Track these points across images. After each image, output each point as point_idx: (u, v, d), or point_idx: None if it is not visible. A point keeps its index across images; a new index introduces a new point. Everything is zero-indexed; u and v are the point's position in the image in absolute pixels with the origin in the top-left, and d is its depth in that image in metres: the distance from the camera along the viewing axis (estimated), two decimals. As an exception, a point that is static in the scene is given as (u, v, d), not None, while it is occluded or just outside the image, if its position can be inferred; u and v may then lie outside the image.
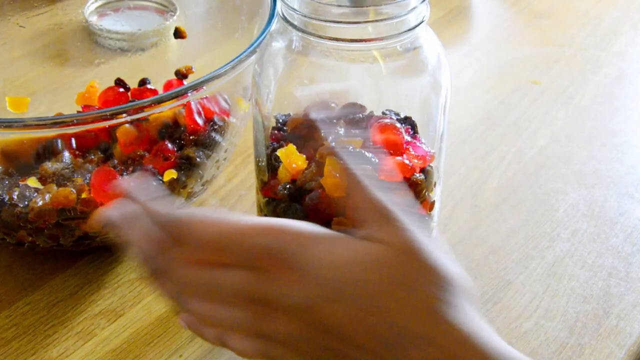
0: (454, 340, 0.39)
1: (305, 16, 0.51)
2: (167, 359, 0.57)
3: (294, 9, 0.52)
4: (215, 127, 0.64)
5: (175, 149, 0.63)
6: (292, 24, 0.52)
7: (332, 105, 0.56)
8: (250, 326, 0.41)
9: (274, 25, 0.58)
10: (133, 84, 0.73)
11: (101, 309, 0.61)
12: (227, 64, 0.58)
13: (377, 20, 0.51)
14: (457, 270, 0.40)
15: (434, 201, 0.57)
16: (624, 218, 0.70)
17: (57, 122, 0.55)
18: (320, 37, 0.51)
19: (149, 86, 0.71)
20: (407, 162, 0.53)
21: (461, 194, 0.72)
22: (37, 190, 0.59)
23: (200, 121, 0.63)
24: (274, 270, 0.39)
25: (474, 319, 0.40)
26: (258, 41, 0.60)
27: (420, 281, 0.39)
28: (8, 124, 0.54)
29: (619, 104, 0.85)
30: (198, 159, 0.63)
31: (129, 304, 0.61)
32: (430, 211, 0.57)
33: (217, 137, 0.64)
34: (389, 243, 0.39)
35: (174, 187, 0.62)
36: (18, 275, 0.63)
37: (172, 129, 0.64)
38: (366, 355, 0.39)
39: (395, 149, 0.53)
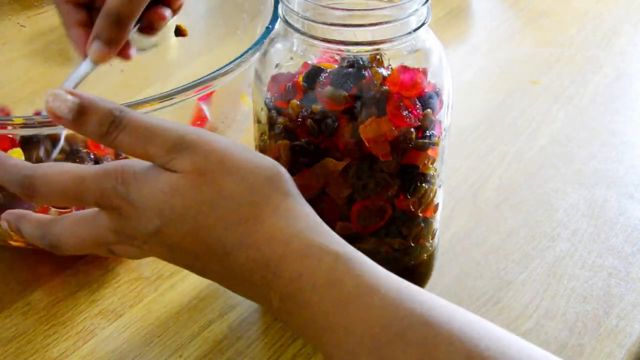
0: (271, 239, 0.43)
1: (306, 19, 0.51)
2: (167, 359, 0.57)
3: (294, 11, 0.51)
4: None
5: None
6: (293, 27, 0.52)
7: None
8: (135, 255, 0.48)
9: (275, 27, 0.57)
10: (133, 83, 0.73)
11: (101, 309, 0.61)
12: (233, 60, 0.58)
13: (378, 24, 0.51)
14: (262, 164, 0.45)
15: (437, 204, 0.57)
16: (624, 218, 0.70)
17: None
18: (321, 39, 0.51)
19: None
20: (405, 112, 0.52)
21: (461, 194, 0.72)
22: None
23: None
24: (121, 208, 0.45)
25: (293, 211, 0.44)
26: (264, 38, 0.60)
27: (223, 193, 0.44)
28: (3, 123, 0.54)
29: (619, 104, 0.85)
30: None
31: (129, 304, 0.61)
32: (434, 213, 0.57)
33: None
34: (183, 171, 0.44)
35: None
36: (18, 275, 0.63)
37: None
38: (208, 264, 0.45)
39: (413, 88, 0.52)
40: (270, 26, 0.62)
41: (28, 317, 0.60)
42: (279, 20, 0.54)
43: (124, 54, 0.64)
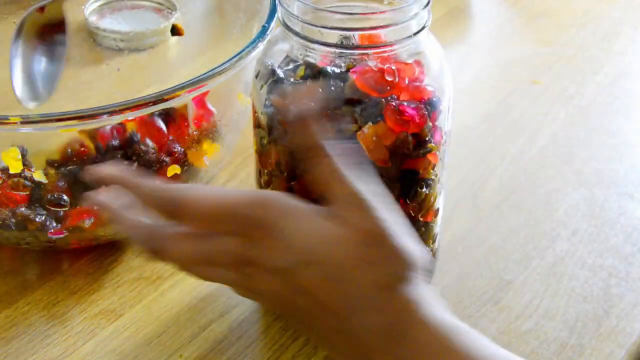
0: (401, 311, 0.45)
1: (305, 22, 0.51)
2: (167, 359, 0.57)
3: (294, 14, 0.51)
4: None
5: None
6: (292, 30, 0.52)
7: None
8: (240, 284, 0.47)
9: (275, 30, 0.57)
10: (133, 83, 0.73)
11: (101, 309, 0.61)
12: (229, 60, 0.58)
13: (378, 27, 0.51)
14: (418, 251, 0.46)
15: (437, 208, 0.57)
16: (624, 218, 0.70)
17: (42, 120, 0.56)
18: (320, 43, 0.51)
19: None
20: (403, 119, 0.51)
21: (461, 194, 0.72)
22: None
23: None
24: (258, 238, 0.45)
25: (424, 294, 0.46)
26: (260, 37, 0.60)
27: (380, 260, 0.45)
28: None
29: (619, 104, 0.85)
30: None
31: (129, 304, 0.61)
32: (435, 217, 0.57)
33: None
34: (357, 226, 0.44)
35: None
36: (18, 275, 0.63)
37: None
38: (329, 314, 0.45)
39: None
40: (266, 25, 0.62)
41: (28, 317, 0.60)
42: (277, 22, 0.54)
43: None
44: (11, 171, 0.60)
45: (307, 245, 0.44)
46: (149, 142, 0.63)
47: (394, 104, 0.51)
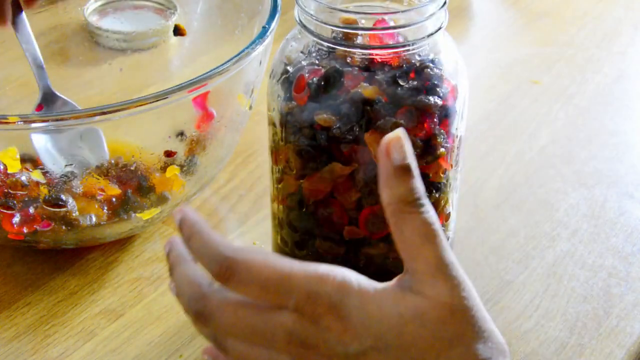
0: None
1: (321, 22, 0.50)
2: (167, 359, 0.57)
3: (310, 14, 0.51)
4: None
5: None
6: (307, 29, 0.51)
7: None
8: None
9: (291, 31, 0.57)
10: (133, 84, 0.73)
11: (101, 309, 0.61)
12: (229, 60, 0.58)
13: (394, 28, 0.50)
14: (499, 336, 0.43)
15: (449, 212, 0.57)
16: (624, 218, 0.70)
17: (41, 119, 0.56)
18: (334, 43, 0.51)
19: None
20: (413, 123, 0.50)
21: (461, 194, 0.72)
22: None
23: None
24: (323, 318, 0.40)
25: None
26: (260, 38, 0.60)
27: (462, 338, 0.41)
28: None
29: (619, 104, 0.85)
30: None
31: (129, 304, 0.61)
32: (446, 221, 0.57)
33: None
34: (437, 300, 0.41)
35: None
36: (18, 275, 0.63)
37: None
38: None
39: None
40: (266, 26, 0.62)
41: (28, 317, 0.60)
42: (296, 25, 0.53)
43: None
44: (9, 170, 0.60)
45: (377, 329, 0.40)
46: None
47: (406, 108, 0.50)
